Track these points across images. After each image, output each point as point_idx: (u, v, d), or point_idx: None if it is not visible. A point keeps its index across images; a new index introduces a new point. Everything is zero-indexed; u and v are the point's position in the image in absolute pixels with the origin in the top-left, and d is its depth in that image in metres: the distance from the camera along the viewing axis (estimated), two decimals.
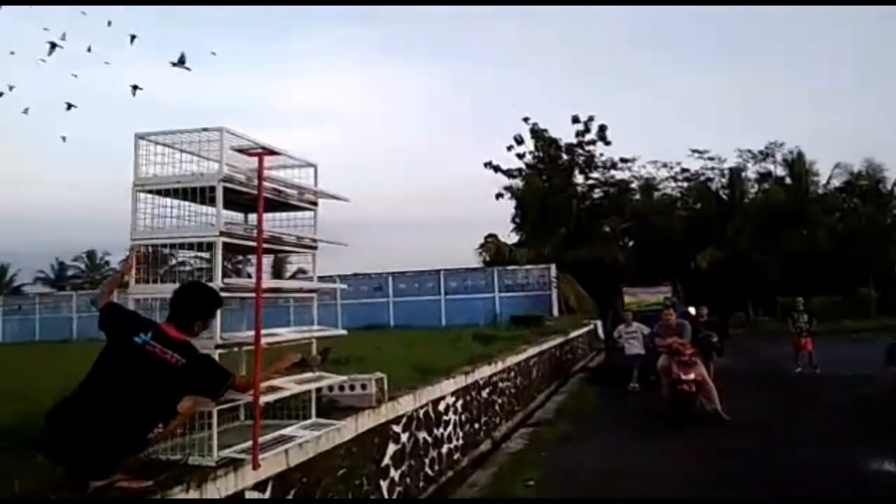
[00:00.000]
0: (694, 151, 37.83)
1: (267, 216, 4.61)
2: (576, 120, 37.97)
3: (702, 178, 38.67)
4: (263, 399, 3.67)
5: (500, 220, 39.26)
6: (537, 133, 38.44)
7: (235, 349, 3.76)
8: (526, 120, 38.27)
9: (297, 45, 69.36)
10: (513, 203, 38.45)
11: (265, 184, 3.89)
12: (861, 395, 11.49)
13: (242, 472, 3.60)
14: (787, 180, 37.25)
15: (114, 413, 3.09)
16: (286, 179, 4.31)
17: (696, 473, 6.93)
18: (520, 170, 38.89)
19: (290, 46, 70.06)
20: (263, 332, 4.03)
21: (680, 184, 39.64)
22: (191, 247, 3.73)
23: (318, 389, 4.97)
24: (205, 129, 3.71)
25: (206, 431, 3.59)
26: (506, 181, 38.62)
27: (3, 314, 32.43)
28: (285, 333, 4.21)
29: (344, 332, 4.82)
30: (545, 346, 14.14)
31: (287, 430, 4.17)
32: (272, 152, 3.94)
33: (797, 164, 36.94)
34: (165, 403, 3.30)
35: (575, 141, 38.46)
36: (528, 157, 38.92)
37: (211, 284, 3.64)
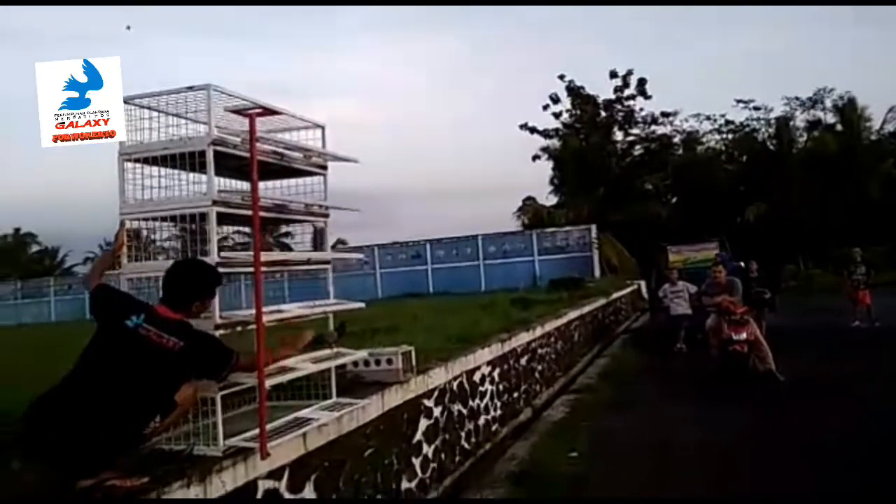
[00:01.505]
0: (739, 101, 36.17)
1: (274, 184, 4.31)
2: (614, 75, 36.76)
3: (747, 129, 37.07)
4: (272, 381, 3.36)
5: (539, 183, 38.61)
6: (574, 90, 37.36)
7: (239, 329, 3.44)
8: (562, 77, 37.21)
9: (329, 20, 68.61)
10: (550, 164, 37.71)
11: (262, 146, 3.53)
12: None
13: (253, 460, 3.31)
14: (839, 127, 35.41)
15: (105, 405, 2.81)
16: (290, 141, 3.93)
17: (752, 443, 6.48)
18: (556, 130, 37.99)
19: (320, 21, 69.41)
20: (270, 308, 3.72)
21: (724, 136, 38.13)
22: (182, 219, 3.40)
23: (342, 366, 4.68)
24: (190, 88, 3.35)
25: (212, 419, 3.30)
26: (543, 142, 37.82)
27: (54, 294, 33.38)
28: (294, 309, 3.89)
29: (361, 304, 4.48)
30: (586, 310, 13.68)
31: (304, 412, 3.87)
32: (268, 111, 3.56)
33: (848, 110, 35.07)
34: (163, 393, 3.01)
35: (613, 97, 37.28)
36: (565, 116, 37.99)
37: (207, 259, 3.32)
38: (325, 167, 4.21)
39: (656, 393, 9.22)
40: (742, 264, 13.39)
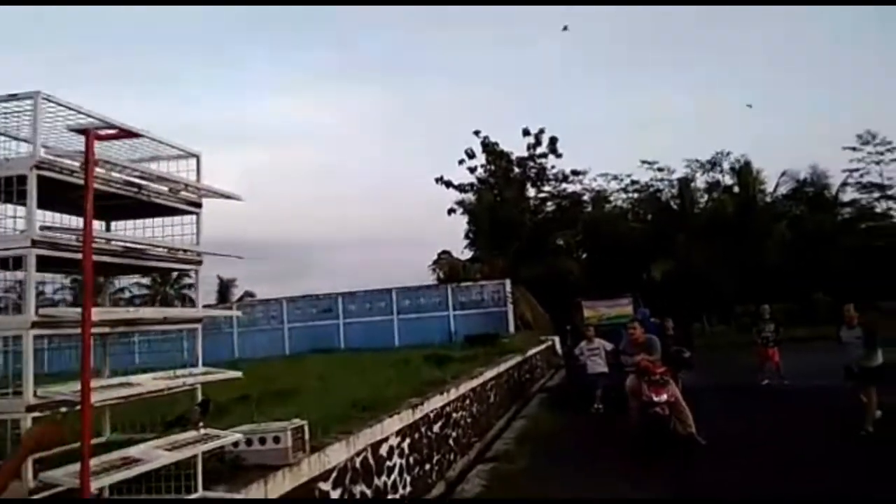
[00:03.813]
0: (644, 163, 37.78)
1: (135, 224, 3.54)
2: (526, 133, 37.60)
3: (651, 189, 38.59)
4: (103, 481, 2.53)
5: (454, 237, 38.54)
6: (488, 146, 37.86)
7: (63, 410, 2.61)
8: (477, 133, 37.72)
9: (248, 68, 67.55)
10: (465, 218, 37.79)
11: (110, 175, 2.79)
12: (834, 408, 10.83)
13: None
14: (736, 189, 37.34)
15: None
16: (150, 170, 3.17)
17: None
18: (472, 184, 38.27)
19: (240, 69, 68.28)
20: (112, 381, 2.91)
21: (630, 195, 39.55)
22: None
23: (219, 448, 3.85)
24: (13, 97, 2.59)
25: None
26: (458, 196, 37.93)
27: None
28: (147, 381, 3.07)
29: (238, 373, 3.65)
30: (503, 368, 13.12)
31: None
32: (121, 132, 2.82)
33: (744, 173, 37.10)
34: None
35: (526, 154, 38.04)
36: (480, 172, 38.35)
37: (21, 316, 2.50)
38: (198, 204, 3.46)
39: (578, 460, 8.66)
40: (659, 321, 13.28)
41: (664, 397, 8.83)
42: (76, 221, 3.13)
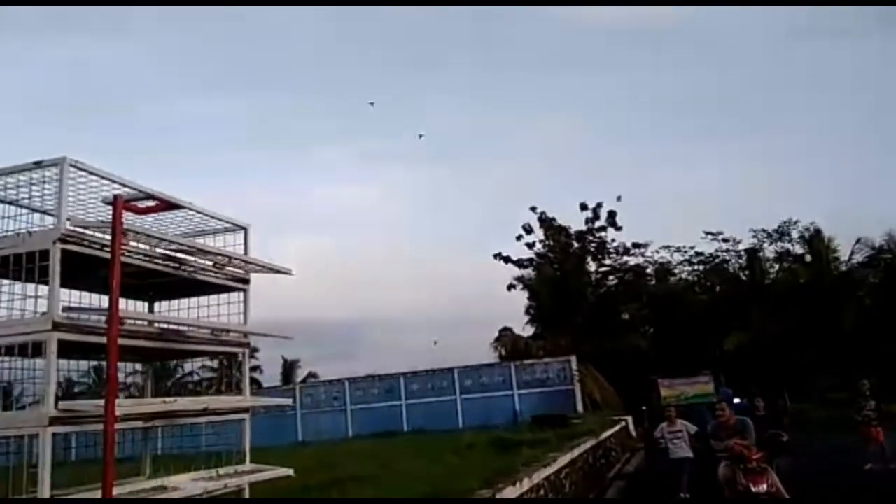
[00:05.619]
0: (707, 234, 36.47)
1: (179, 304, 3.23)
2: (584, 207, 37.15)
3: (717, 260, 37.19)
4: None
5: (515, 313, 37.77)
6: (545, 221, 37.54)
7: None
8: (533, 209, 37.52)
9: (305, 155, 70.06)
10: (525, 294, 37.15)
11: (143, 247, 2.48)
12: None
13: None
14: (808, 258, 35.68)
15: None
16: (192, 243, 2.86)
17: None
18: (530, 259, 37.80)
19: (297, 156, 70.83)
20: (149, 484, 2.51)
21: (695, 267, 38.15)
22: (9, 351, 2.26)
23: None
24: (38, 164, 2.33)
25: None
26: (517, 272, 37.49)
27: None
28: (186, 482, 2.64)
29: (288, 471, 3.21)
30: (577, 453, 12.21)
31: None
32: (162, 202, 2.53)
33: (816, 241, 35.52)
34: None
35: (585, 228, 37.50)
36: (539, 247, 37.91)
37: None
38: (246, 280, 3.13)
39: None
40: (743, 401, 12.24)
41: (763, 487, 7.87)
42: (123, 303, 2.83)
